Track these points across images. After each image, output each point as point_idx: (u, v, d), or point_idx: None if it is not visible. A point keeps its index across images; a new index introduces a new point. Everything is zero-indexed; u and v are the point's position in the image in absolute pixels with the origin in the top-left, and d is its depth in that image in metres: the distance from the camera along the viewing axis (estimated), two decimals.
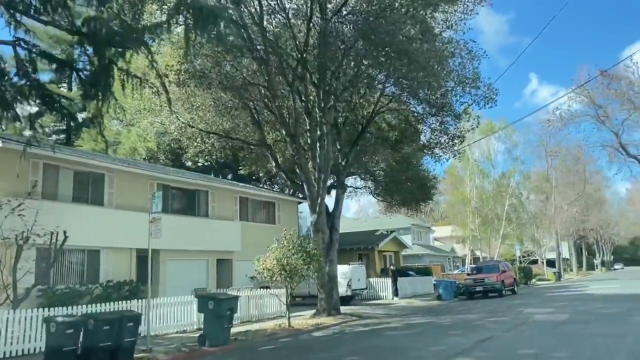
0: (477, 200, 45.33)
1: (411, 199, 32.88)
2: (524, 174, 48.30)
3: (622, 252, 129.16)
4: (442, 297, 26.94)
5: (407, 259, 49.42)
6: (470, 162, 45.43)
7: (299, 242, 16.40)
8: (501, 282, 27.04)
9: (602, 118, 24.03)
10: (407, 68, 15.76)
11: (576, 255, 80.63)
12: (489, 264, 30.22)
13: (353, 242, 37.62)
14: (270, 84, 17.71)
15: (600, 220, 76.56)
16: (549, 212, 54.64)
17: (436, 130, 21.91)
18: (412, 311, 21.21)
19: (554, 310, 16.62)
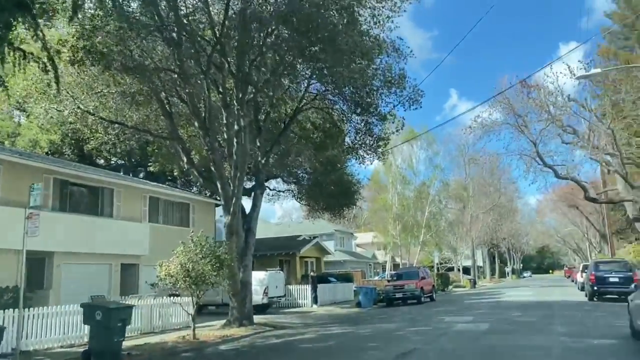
0: (398, 207, 45.50)
1: (335, 204, 32.07)
2: (444, 182, 49.27)
3: (530, 260, 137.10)
4: (361, 305, 26.17)
5: (329, 265, 48.69)
6: (393, 169, 45.56)
7: (208, 246, 14.81)
8: (420, 289, 26.72)
9: (522, 127, 24.28)
10: (331, 58, 14.70)
11: (489, 263, 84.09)
12: (409, 271, 29.94)
13: (274, 247, 36.24)
14: (183, 71, 16.00)
15: (512, 230, 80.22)
16: (465, 220, 56.12)
17: (361, 131, 21.09)
18: (330, 320, 20.14)
19: (474, 318, 16.14)
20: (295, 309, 26.43)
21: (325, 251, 42.43)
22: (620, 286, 22.21)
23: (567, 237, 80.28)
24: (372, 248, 63.02)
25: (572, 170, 26.20)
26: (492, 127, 24.68)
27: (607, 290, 22.43)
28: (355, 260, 54.10)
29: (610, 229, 39.30)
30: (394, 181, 45.72)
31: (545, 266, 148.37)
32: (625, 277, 22.21)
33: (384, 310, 24.62)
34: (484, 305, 23.07)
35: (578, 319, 14.95)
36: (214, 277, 14.53)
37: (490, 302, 25.52)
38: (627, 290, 22.19)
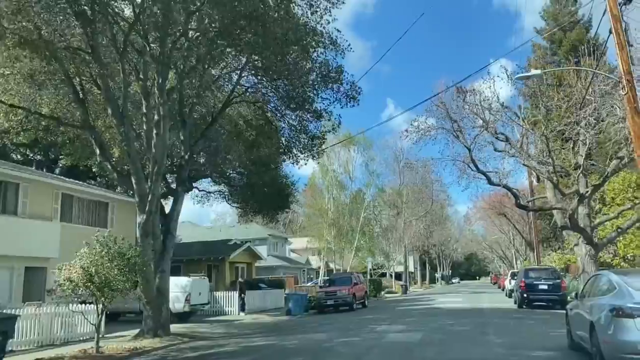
0: (334, 212, 44.76)
1: (268, 207, 30.74)
2: (379, 188, 49.10)
3: (459, 267, 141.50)
4: (291, 312, 24.95)
5: (262, 270, 47.16)
6: (329, 174, 44.83)
7: (117, 247, 13.10)
8: (353, 296, 25.88)
9: (457, 132, 23.99)
10: (262, 40, 13.42)
11: (420, 269, 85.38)
12: (341, 277, 29.06)
13: (203, 252, 34.38)
14: (95, 51, 14.20)
15: (443, 237, 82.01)
16: (399, 226, 56.34)
17: (295, 128, 19.95)
18: (256, 329, 18.76)
19: (406, 327, 15.33)
20: (221, 317, 24.83)
21: (257, 256, 40.93)
22: (549, 293, 22.34)
23: (494, 244, 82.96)
24: (307, 253, 62.00)
25: (504, 177, 26.29)
26: (428, 131, 24.27)
27: (536, 297, 22.50)
28: (288, 265, 52.83)
29: (536, 237, 40.38)
30: (329, 186, 44.99)
31: (472, 272, 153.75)
32: (554, 285, 22.36)
33: (315, 317, 23.53)
34: (415, 312, 22.50)
35: (512, 328, 14.47)
36: (123, 282, 12.85)
37: (422, 308, 25.06)
38: (556, 298, 22.39)
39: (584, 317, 8.41)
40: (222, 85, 19.32)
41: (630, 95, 12.94)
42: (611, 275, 8.10)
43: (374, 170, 47.67)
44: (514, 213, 52.16)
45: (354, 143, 45.86)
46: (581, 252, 23.26)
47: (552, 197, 25.60)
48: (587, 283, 9.69)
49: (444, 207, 75.28)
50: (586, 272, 23.04)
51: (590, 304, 8.33)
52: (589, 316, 7.96)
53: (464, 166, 25.96)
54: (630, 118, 13.00)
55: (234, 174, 27.77)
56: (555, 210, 25.57)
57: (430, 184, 62.93)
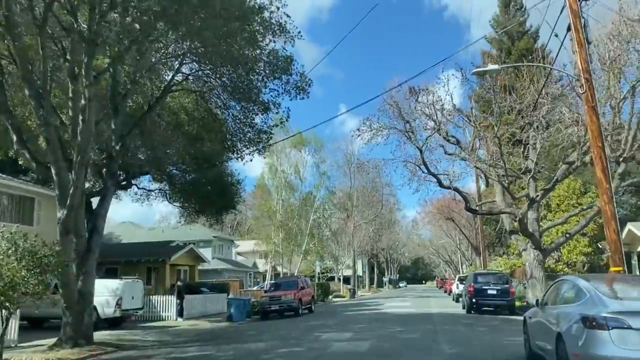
0: (282, 214, 43.47)
1: (211, 206, 29.13)
2: (330, 190, 48.21)
3: (406, 271, 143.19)
4: (233, 318, 23.51)
5: (206, 274, 45.33)
6: (279, 174, 43.54)
7: (27, 245, 11.41)
8: (299, 301, 24.74)
9: (409, 133, 23.37)
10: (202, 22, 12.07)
11: (369, 272, 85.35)
12: (287, 281, 27.84)
13: (142, 253, 32.29)
14: (9, 20, 12.42)
15: (391, 241, 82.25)
16: (349, 229, 55.73)
17: (240, 121, 18.61)
18: (192, 337, 17.29)
19: (353, 335, 14.31)
20: (157, 323, 23.09)
21: (200, 259, 39.10)
22: (497, 299, 21.98)
23: (440, 249, 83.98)
24: (254, 257, 60.40)
25: (454, 180, 25.95)
26: (381, 130, 23.55)
27: (485, 302, 22.10)
28: (234, 269, 51.12)
29: (483, 242, 40.61)
30: (279, 187, 43.65)
31: (419, 277, 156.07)
32: (502, 290, 22.03)
33: (258, 324, 22.22)
34: (363, 317, 21.60)
35: (464, 336, 13.73)
36: (33, 285, 11.18)
37: (370, 314, 24.23)
38: (504, 304, 22.05)
39: (548, 327, 7.63)
40: (161, 72, 17.76)
41: (589, 94, 12.49)
42: (579, 281, 7.33)
43: (325, 171, 46.81)
44: (461, 218, 52.59)
45: (305, 144, 44.86)
46: (529, 257, 23.11)
47: (501, 201, 25.44)
48: (549, 289, 8.95)
49: (393, 211, 75.53)
50: (534, 278, 22.92)
51: (555, 312, 7.54)
52: (556, 326, 7.15)
53: (415, 168, 25.46)
54: (588, 118, 12.55)
55: (175, 170, 26.05)
56: (504, 214, 25.42)
57: (380, 187, 62.92)
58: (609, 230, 12.05)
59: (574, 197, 34.86)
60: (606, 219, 12.12)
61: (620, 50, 17.32)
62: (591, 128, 12.38)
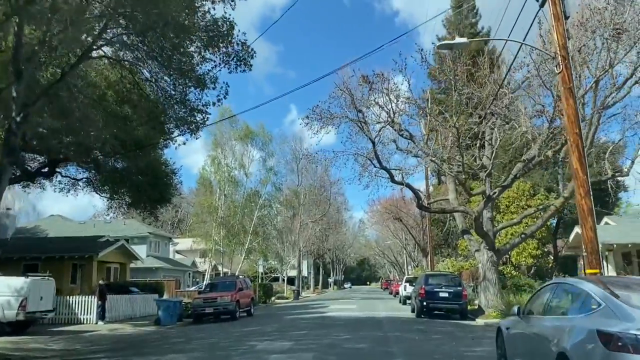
0: (225, 210, 40.84)
1: (144, 198, 26.45)
2: (276, 187, 45.92)
3: (351, 272, 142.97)
4: (161, 322, 21.00)
5: (139, 272, 42.13)
6: (222, 168, 40.91)
7: None
8: (236, 303, 22.51)
9: (361, 123, 21.68)
10: None
11: (314, 273, 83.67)
12: (225, 281, 25.49)
13: (67, 249, 29.02)
14: None
15: (338, 242, 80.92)
16: (295, 228, 53.76)
17: (172, 98, 16.22)
18: (108, 345, 14.80)
19: (294, 344, 12.32)
20: (72, 327, 20.27)
21: (132, 256, 36.01)
22: (450, 302, 20.63)
23: (386, 250, 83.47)
24: (195, 255, 57.30)
25: (406, 176, 24.56)
26: (331, 119, 21.73)
27: (436, 306, 20.70)
28: (171, 267, 48.02)
29: (431, 243, 39.67)
30: (221, 181, 40.98)
31: (363, 278, 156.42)
32: (455, 293, 20.70)
33: (188, 329, 19.84)
34: (306, 322, 19.66)
35: (419, 345, 12.04)
36: None
37: (314, 317, 22.34)
38: (456, 307, 20.72)
39: (539, 344, 5.94)
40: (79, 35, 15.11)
41: (565, 74, 11.07)
42: (585, 285, 5.64)
43: (272, 167, 44.53)
44: (409, 218, 51.77)
45: (252, 137, 42.49)
46: (482, 258, 21.93)
47: (454, 199, 24.22)
48: (535, 295, 7.29)
49: (340, 211, 74.30)
50: (487, 280, 21.75)
51: (550, 324, 5.85)
52: (554, 344, 5.43)
53: (367, 162, 23.87)
54: (564, 100, 11.13)
55: (100, 155, 23.27)
56: (458, 212, 24.22)
57: (328, 185, 61.42)
58: (584, 227, 10.65)
59: (524, 198, 34.38)
60: (582, 215, 10.72)
61: (586, 39, 16.28)
62: (567, 112, 10.98)
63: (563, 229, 40.11)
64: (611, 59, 15.70)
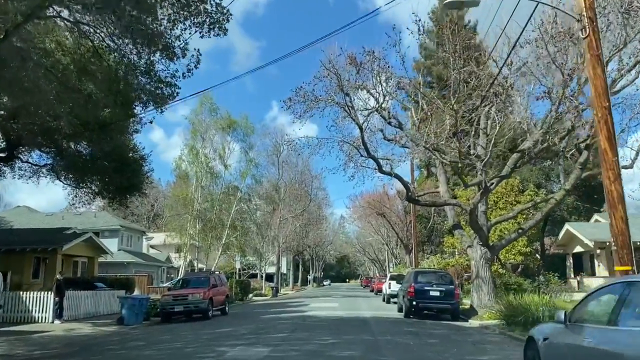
0: (201, 202, 38.66)
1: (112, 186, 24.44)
2: (256, 179, 43.77)
3: (330, 269, 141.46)
4: (125, 321, 19.01)
5: (110, 267, 39.92)
6: (200, 158, 38.69)
7: None
8: (209, 300, 20.62)
9: (349, 108, 20.00)
10: None
11: (294, 270, 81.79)
12: (197, 277, 23.52)
13: (29, 241, 26.81)
14: None
15: (318, 238, 79.19)
16: (274, 223, 51.87)
17: (136, 67, 14.26)
18: (55, 349, 12.84)
19: (270, 352, 10.54)
20: (23, 327, 18.16)
21: (101, 250, 33.89)
22: (441, 301, 19.07)
23: (367, 247, 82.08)
24: (170, 250, 54.98)
25: (395, 166, 23.00)
26: (316, 102, 19.95)
27: (426, 305, 19.12)
28: (144, 263, 45.81)
29: (415, 239, 38.25)
30: (199, 172, 38.77)
31: (342, 275, 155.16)
32: (447, 292, 19.15)
33: (153, 329, 17.91)
34: (285, 322, 17.90)
35: (415, 353, 10.39)
36: None
37: (293, 317, 20.59)
38: (448, 307, 19.19)
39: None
40: None
41: (593, 39, 9.50)
42: None
43: (253, 158, 42.40)
44: (392, 214, 50.40)
45: (234, 127, 40.35)
46: (475, 254, 20.44)
47: (445, 192, 22.69)
48: (592, 297, 5.63)
49: (321, 207, 72.55)
50: (480, 278, 20.27)
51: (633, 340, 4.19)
52: None
53: (352, 151, 22.20)
54: (590, 69, 9.55)
55: (62, 139, 21.17)
56: (449, 206, 22.71)
57: (309, 179, 59.63)
58: (614, 217, 9.12)
59: (512, 194, 33.15)
60: (611, 203, 9.19)
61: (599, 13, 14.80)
62: (595, 83, 9.42)
63: (551, 226, 39.15)
64: (626, 36, 14.27)
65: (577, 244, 31.93)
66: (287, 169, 56.77)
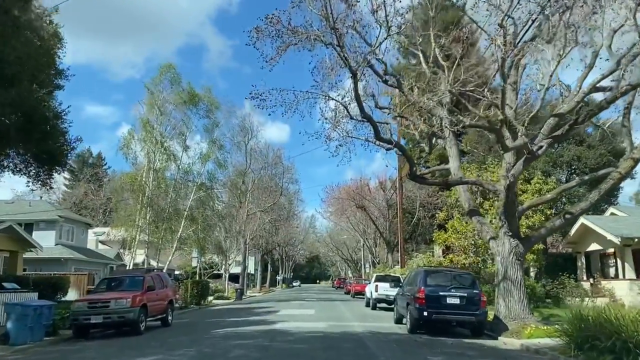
0: (154, 189, 32.45)
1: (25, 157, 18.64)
2: (220, 163, 37.47)
3: (300, 269, 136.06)
4: (11, 338, 13.13)
5: (43, 264, 33.58)
6: (154, 134, 32.48)
7: None
8: (140, 308, 14.87)
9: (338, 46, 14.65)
10: None
11: (262, 270, 75.74)
12: (126, 276, 17.47)
13: None
14: None
15: (288, 236, 73.55)
16: (240, 217, 46.02)
17: None
18: None
19: None
20: None
21: (28, 243, 27.66)
22: (462, 312, 13.84)
23: (341, 246, 76.88)
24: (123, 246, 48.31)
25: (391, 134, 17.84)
26: (294, 33, 14.49)
27: (444, 317, 13.86)
28: (87, 259, 39.26)
29: (402, 234, 33.12)
30: (151, 152, 32.61)
31: (313, 276, 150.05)
32: (469, 298, 13.93)
33: (48, 352, 12.12)
34: (245, 345, 12.30)
35: None
36: None
37: (259, 332, 15.03)
38: (472, 320, 14.00)
39: None
40: None
41: None
42: None
43: (217, 138, 36.28)
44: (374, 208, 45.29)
45: (195, 102, 34.21)
46: (503, 249, 15.32)
47: (456, 168, 17.54)
48: None
49: (292, 201, 66.94)
50: (508, 280, 15.11)
51: None
52: None
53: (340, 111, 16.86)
54: None
55: None
56: (464, 186, 17.56)
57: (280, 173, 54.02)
58: None
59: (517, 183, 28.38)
60: None
61: None
62: None
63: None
64: None
65: (593, 240, 27.31)
66: (256, 158, 51.05)
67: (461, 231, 28.50)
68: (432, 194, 40.36)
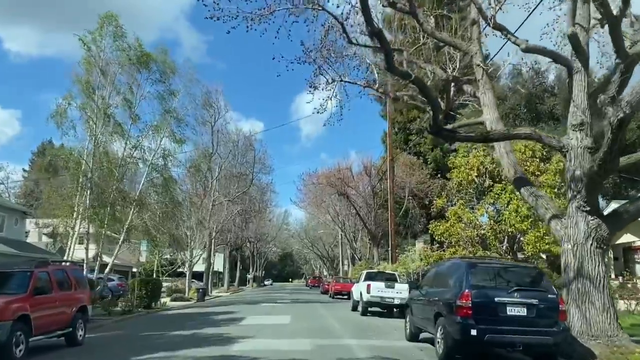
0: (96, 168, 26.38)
1: None
2: (178, 139, 31.27)
3: (272, 267, 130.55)
4: None
5: None
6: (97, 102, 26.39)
7: None
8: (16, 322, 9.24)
9: None
10: None
11: (230, 268, 69.73)
12: (10, 272, 11.77)
13: None
14: None
15: (259, 231, 67.83)
16: (205, 207, 40.31)
17: None
18: None
19: None
20: None
21: None
22: (532, 329, 8.65)
23: (317, 241, 71.64)
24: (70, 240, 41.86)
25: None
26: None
27: (502, 337, 8.68)
28: (23, 255, 32.86)
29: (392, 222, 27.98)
30: (92, 123, 26.48)
31: (285, 274, 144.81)
32: (542, 306, 8.78)
33: None
34: None
35: None
36: None
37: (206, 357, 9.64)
38: (548, 341, 8.76)
39: None
40: None
41: None
42: None
43: (174, 108, 30.12)
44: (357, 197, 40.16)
45: (146, 63, 28.03)
46: (576, 231, 10.23)
47: (494, 120, 12.46)
48: None
49: (265, 192, 61.24)
50: (586, 277, 9.90)
51: None
52: None
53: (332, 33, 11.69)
54: None
55: None
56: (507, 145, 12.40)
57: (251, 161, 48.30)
58: None
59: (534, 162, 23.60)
60: None
61: None
62: None
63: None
64: None
65: (628, 231, 22.82)
66: (224, 142, 45.19)
67: (468, 220, 23.68)
68: (423, 180, 35.40)
